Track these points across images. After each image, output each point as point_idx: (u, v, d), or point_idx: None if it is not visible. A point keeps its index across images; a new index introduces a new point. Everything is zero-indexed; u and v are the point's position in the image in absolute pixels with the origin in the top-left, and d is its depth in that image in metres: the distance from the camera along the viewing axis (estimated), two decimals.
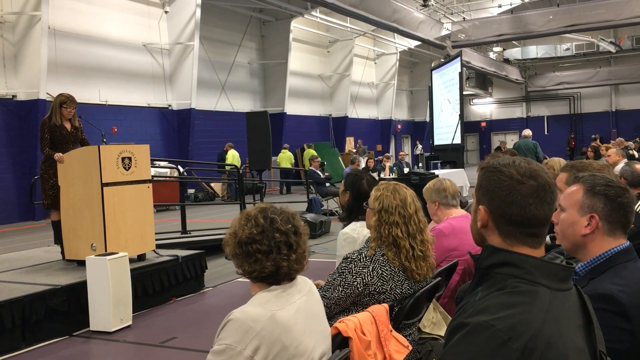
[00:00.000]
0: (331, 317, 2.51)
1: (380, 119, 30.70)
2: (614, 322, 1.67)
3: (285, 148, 20.89)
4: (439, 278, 2.88)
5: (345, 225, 3.39)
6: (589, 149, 12.75)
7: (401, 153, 17.55)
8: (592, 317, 1.37)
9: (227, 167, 16.14)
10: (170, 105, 17.85)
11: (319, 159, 14.58)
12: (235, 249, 1.90)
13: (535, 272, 1.33)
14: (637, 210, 3.62)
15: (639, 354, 1.68)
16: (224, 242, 1.95)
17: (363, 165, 15.35)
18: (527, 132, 13.56)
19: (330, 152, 22.97)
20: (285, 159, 20.43)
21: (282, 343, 1.78)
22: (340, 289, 2.57)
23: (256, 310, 1.79)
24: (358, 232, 3.24)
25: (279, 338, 1.77)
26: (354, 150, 22.58)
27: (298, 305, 1.89)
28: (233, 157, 17.13)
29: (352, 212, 3.36)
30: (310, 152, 19.71)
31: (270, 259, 1.86)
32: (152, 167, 7.13)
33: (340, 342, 2.11)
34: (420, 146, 28.28)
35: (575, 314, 1.35)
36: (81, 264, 5.43)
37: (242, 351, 1.73)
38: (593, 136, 28.67)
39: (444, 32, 24.28)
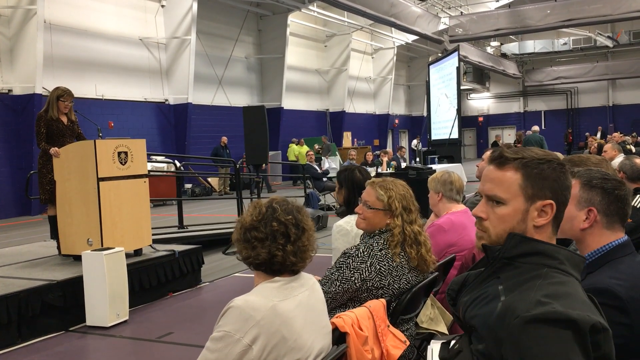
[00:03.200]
0: (328, 312, 2.50)
1: (377, 113, 30.68)
2: (613, 316, 1.66)
3: (292, 142, 20.97)
4: (437, 273, 2.87)
5: (341, 218, 3.39)
6: (594, 145, 12.70)
7: (402, 149, 17.53)
8: (601, 312, 1.38)
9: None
10: (167, 100, 17.80)
11: (313, 153, 14.53)
12: (239, 235, 1.94)
13: (566, 262, 1.36)
14: (636, 205, 3.61)
15: (636, 347, 1.67)
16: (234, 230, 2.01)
17: (327, 166, 14.26)
18: (535, 127, 16.43)
19: (330, 146, 22.95)
20: (293, 152, 20.51)
21: (281, 334, 1.77)
22: (338, 284, 2.56)
23: (257, 300, 1.79)
24: (351, 224, 3.23)
25: (279, 329, 1.77)
26: (317, 147, 20.43)
27: (300, 299, 1.89)
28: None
29: (350, 204, 3.36)
30: (305, 148, 19.69)
31: (265, 246, 1.87)
32: (148, 161, 7.10)
33: (337, 337, 2.10)
34: (415, 141, 27.89)
35: None
36: (77, 259, 5.42)
37: (240, 339, 1.72)
38: (589, 133, 28.61)
39: (442, 27, 24.24)
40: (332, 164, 14.07)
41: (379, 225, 2.71)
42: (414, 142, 27.03)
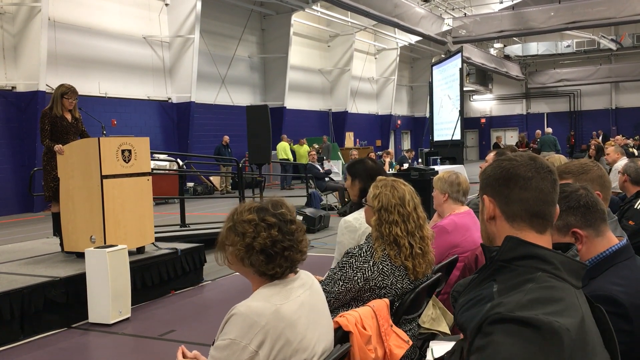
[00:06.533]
0: (331, 311, 2.51)
1: (380, 114, 30.68)
2: (614, 323, 1.67)
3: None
4: (439, 274, 2.88)
5: (351, 212, 3.35)
6: (592, 147, 12.68)
7: (411, 151, 17.54)
8: (607, 321, 1.37)
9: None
10: (170, 99, 17.82)
11: (315, 153, 14.49)
12: (257, 258, 1.84)
13: (562, 268, 1.35)
14: (638, 207, 3.62)
15: (638, 354, 1.68)
16: (230, 262, 1.90)
17: (329, 167, 13.94)
18: (549, 129, 18.51)
19: (330, 146, 22.93)
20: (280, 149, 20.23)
21: (286, 337, 1.77)
22: (341, 284, 2.57)
23: (260, 305, 1.78)
24: (360, 222, 3.20)
25: (283, 332, 1.77)
26: (317, 147, 19.71)
27: (302, 300, 1.89)
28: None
29: (365, 195, 3.33)
30: (305, 147, 19.58)
31: (297, 249, 1.89)
32: (151, 160, 7.12)
33: (340, 336, 2.11)
34: None
35: (589, 312, 1.36)
36: (80, 256, 5.44)
37: (246, 346, 1.72)
38: (595, 132, 28.53)
39: (445, 28, 24.22)
40: (334, 167, 13.87)
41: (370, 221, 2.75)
42: None
